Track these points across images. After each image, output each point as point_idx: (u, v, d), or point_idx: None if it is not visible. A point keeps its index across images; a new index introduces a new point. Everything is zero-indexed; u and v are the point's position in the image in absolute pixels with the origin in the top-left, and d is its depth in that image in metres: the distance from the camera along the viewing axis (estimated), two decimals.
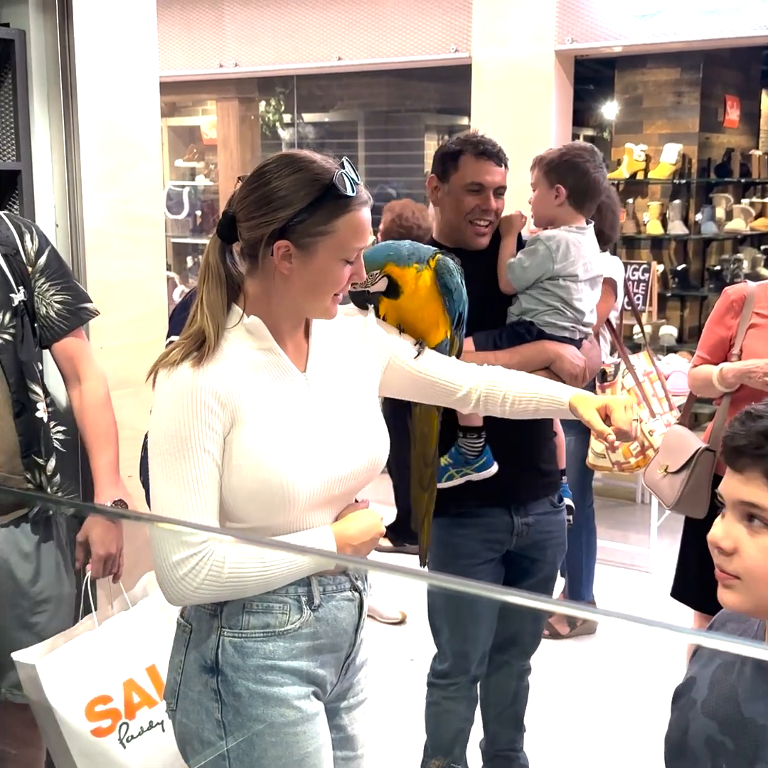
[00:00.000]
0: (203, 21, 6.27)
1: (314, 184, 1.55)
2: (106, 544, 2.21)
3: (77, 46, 2.48)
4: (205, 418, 1.54)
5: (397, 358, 1.84)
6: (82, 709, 2.08)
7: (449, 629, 2.50)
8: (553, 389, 1.89)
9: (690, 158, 6.43)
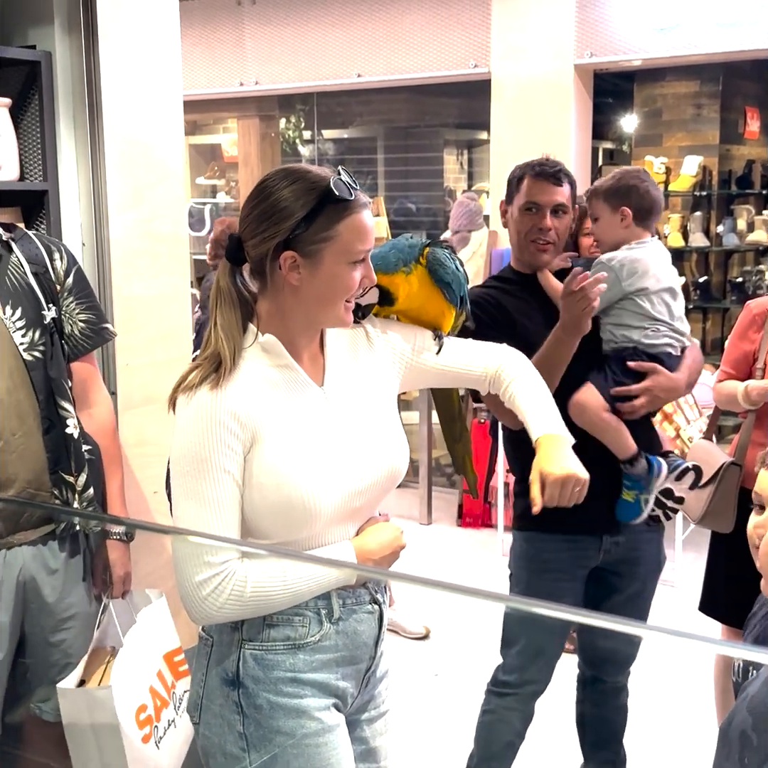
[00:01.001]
0: (224, 40, 6.32)
1: (312, 192, 1.56)
2: (124, 564, 2.30)
3: (102, 67, 2.52)
4: (225, 439, 1.56)
5: (417, 360, 1.83)
6: (134, 720, 2.17)
7: (519, 641, 2.51)
8: (534, 418, 1.78)
9: (710, 170, 6.42)
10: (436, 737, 3.27)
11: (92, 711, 2.12)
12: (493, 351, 1.88)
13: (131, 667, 2.19)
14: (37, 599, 2.17)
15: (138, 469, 2.72)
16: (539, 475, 1.67)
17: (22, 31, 2.51)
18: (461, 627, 4.06)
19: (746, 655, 1.10)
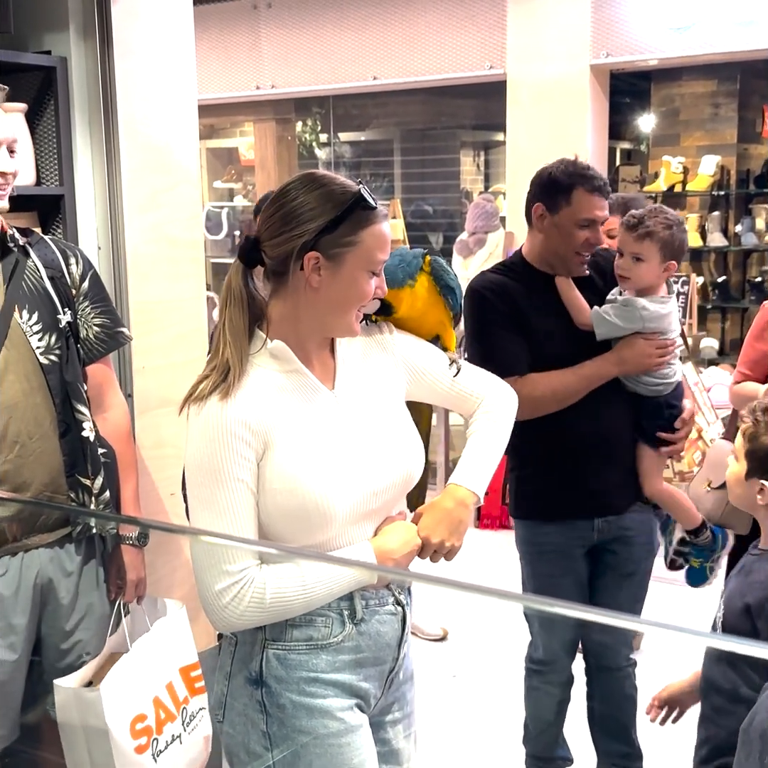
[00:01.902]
0: (240, 44, 6.35)
1: (341, 197, 1.59)
2: (137, 568, 2.30)
3: (117, 72, 2.53)
4: (237, 448, 1.57)
5: (427, 376, 1.82)
6: (127, 728, 2.15)
7: (539, 619, 2.63)
8: (464, 462, 1.80)
9: (728, 169, 6.40)
10: (455, 738, 3.26)
11: (82, 712, 2.11)
12: (487, 380, 1.88)
13: (133, 675, 2.18)
14: (53, 601, 2.18)
15: (155, 471, 2.73)
16: (417, 518, 1.75)
17: (38, 37, 2.53)
18: (479, 628, 4.05)
19: (740, 649, 1.11)
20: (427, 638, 3.98)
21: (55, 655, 2.23)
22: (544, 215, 2.45)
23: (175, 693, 2.26)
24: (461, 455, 1.83)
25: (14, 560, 2.12)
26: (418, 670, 1.85)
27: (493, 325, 2.48)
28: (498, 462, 1.84)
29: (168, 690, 2.26)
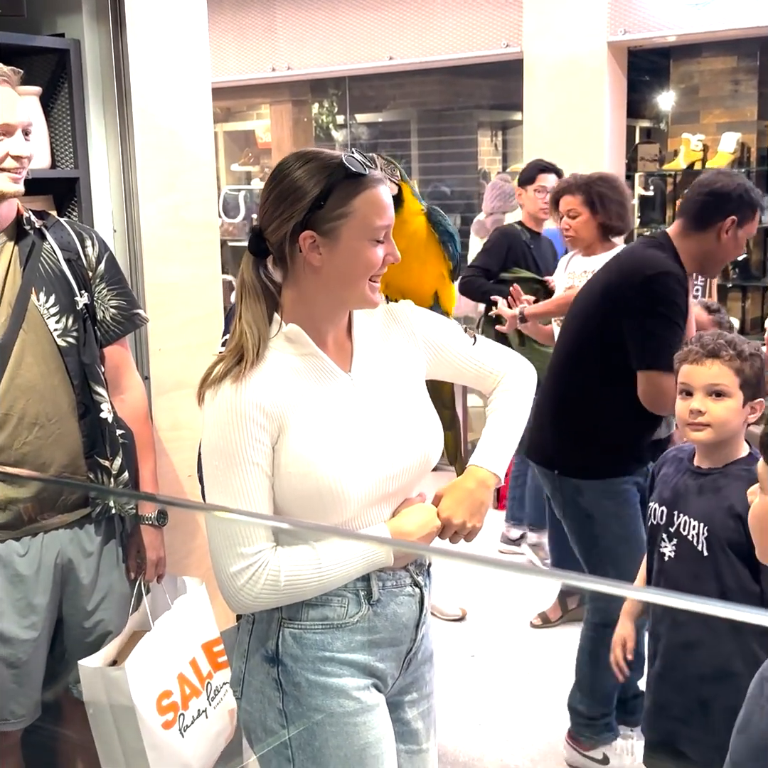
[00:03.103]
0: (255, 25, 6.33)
1: (325, 170, 1.56)
2: (157, 548, 2.32)
3: (131, 54, 2.52)
4: (251, 431, 1.57)
5: (448, 353, 1.81)
6: (154, 704, 2.18)
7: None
8: (484, 442, 1.80)
9: (749, 147, 6.32)
10: (474, 717, 3.28)
11: (109, 691, 2.14)
12: (506, 356, 1.87)
13: (156, 652, 2.21)
14: (73, 581, 2.21)
15: (172, 453, 2.75)
16: (437, 499, 1.74)
17: (51, 20, 2.53)
18: (497, 609, 4.06)
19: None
20: (446, 618, 3.99)
21: (78, 634, 2.25)
22: (732, 227, 2.63)
23: (198, 668, 2.30)
24: (482, 434, 1.83)
25: (34, 540, 2.14)
26: (437, 651, 1.86)
27: (680, 317, 2.62)
28: (518, 440, 1.84)
29: (192, 666, 2.29)
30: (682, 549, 2.08)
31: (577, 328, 2.85)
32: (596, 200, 3.66)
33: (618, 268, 2.81)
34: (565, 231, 3.76)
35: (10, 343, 2.09)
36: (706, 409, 2.06)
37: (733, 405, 2.05)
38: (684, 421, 2.10)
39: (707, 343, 2.08)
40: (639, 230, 7.20)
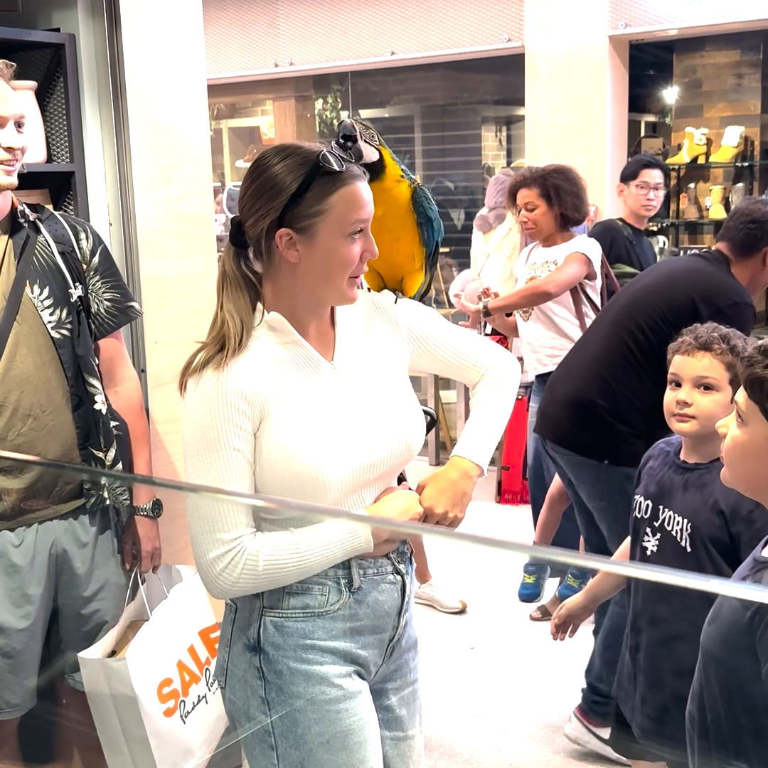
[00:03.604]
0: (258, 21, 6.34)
1: (301, 167, 1.56)
2: (152, 539, 2.34)
3: (126, 48, 2.53)
4: (233, 418, 1.58)
5: (431, 344, 1.81)
6: (155, 693, 2.21)
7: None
8: (467, 434, 1.80)
9: (752, 140, 6.31)
10: (472, 709, 3.29)
11: (110, 681, 2.16)
12: (490, 349, 1.86)
13: (155, 641, 2.23)
14: (68, 571, 2.22)
15: (169, 445, 2.76)
16: (420, 489, 1.75)
17: (47, 15, 2.54)
18: (497, 601, 4.07)
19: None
20: (446, 611, 4.00)
21: (73, 624, 2.27)
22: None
23: (197, 655, 2.33)
24: (465, 425, 1.83)
25: (29, 531, 2.16)
26: (436, 643, 1.86)
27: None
28: (501, 432, 1.84)
29: (190, 653, 2.32)
30: (665, 544, 2.08)
31: (628, 329, 2.92)
32: (552, 192, 3.71)
33: (688, 283, 2.91)
34: (524, 224, 3.82)
35: (4, 335, 2.11)
36: (693, 401, 2.06)
37: (720, 399, 2.04)
38: (670, 412, 2.11)
39: (701, 336, 2.08)
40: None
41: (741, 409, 1.46)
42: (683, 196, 6.60)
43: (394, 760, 1.79)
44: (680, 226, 6.73)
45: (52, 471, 2.16)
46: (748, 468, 1.47)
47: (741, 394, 1.47)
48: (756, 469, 1.45)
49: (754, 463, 1.44)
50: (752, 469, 1.46)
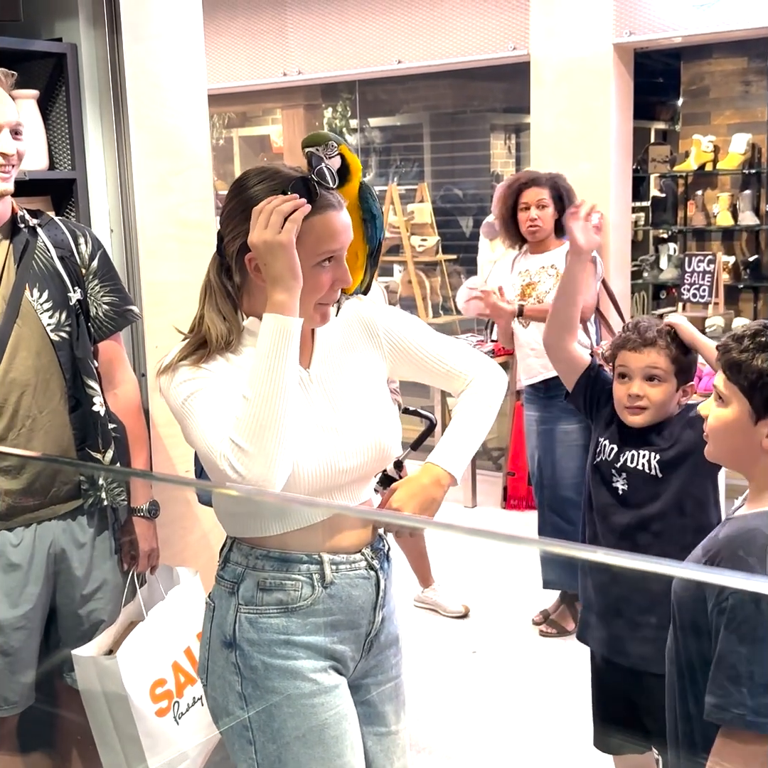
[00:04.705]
0: (267, 31, 6.39)
1: (274, 192, 1.56)
2: (149, 539, 2.37)
3: (126, 58, 2.58)
4: (209, 375, 1.60)
5: (413, 353, 1.81)
6: (147, 692, 2.23)
7: None
8: (444, 441, 1.79)
9: (760, 147, 6.33)
10: (473, 713, 3.30)
11: (102, 679, 2.19)
12: (476, 359, 1.85)
13: (149, 641, 2.25)
14: (66, 571, 2.26)
15: (170, 448, 2.79)
16: (391, 494, 1.75)
17: (49, 25, 2.59)
18: (500, 606, 4.09)
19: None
20: (449, 615, 4.02)
21: (71, 623, 2.30)
22: None
23: (193, 657, 2.33)
24: (444, 433, 1.82)
25: (27, 531, 2.20)
26: (438, 646, 1.87)
27: None
28: (480, 443, 1.83)
29: (186, 654, 2.34)
30: (633, 479, 2.21)
31: None
32: (564, 194, 3.72)
33: None
34: (532, 221, 3.73)
35: (4, 337, 2.15)
36: (644, 393, 2.18)
37: (669, 389, 2.19)
38: (622, 405, 2.22)
39: (644, 331, 2.20)
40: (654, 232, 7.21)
41: (721, 392, 1.60)
42: (691, 203, 6.62)
43: (378, 756, 1.80)
44: (688, 233, 6.75)
45: (50, 471, 2.20)
46: (731, 443, 1.61)
47: (719, 378, 1.60)
48: (739, 443, 1.59)
49: (737, 437, 1.59)
50: (735, 443, 1.60)
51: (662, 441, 2.20)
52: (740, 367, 1.55)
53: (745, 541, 1.50)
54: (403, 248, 6.47)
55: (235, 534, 1.74)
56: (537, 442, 3.84)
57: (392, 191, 6.30)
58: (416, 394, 5.31)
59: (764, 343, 1.54)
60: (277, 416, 1.53)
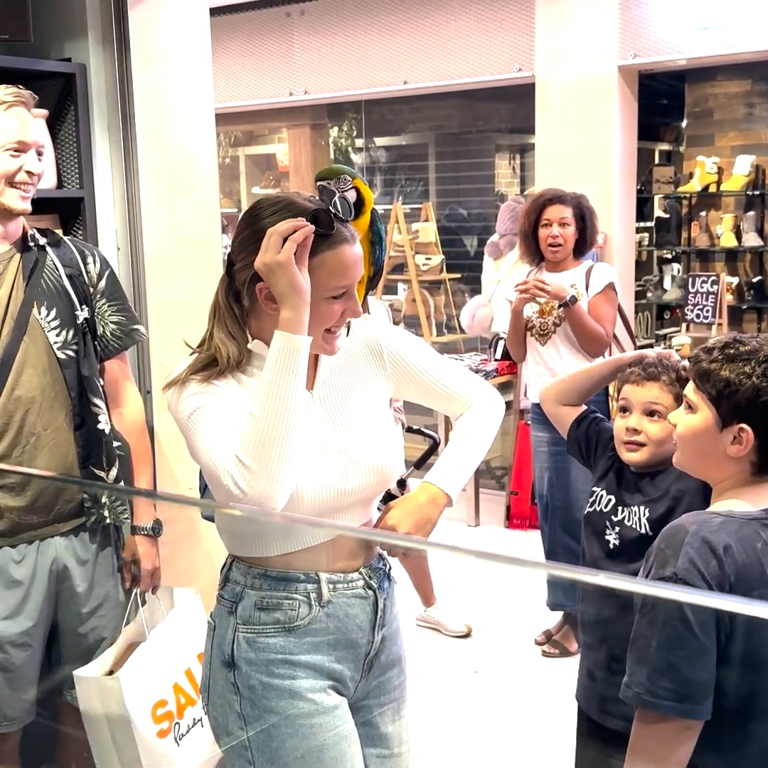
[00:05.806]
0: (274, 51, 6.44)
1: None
2: (152, 558, 2.36)
3: (135, 78, 2.61)
4: (219, 392, 1.60)
5: (416, 375, 1.81)
6: (148, 713, 2.23)
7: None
8: (441, 461, 1.79)
9: (763, 169, 6.34)
10: (475, 732, 3.29)
11: (104, 699, 2.19)
12: (476, 384, 1.86)
13: (151, 662, 2.25)
14: (68, 588, 2.26)
15: (174, 465, 2.80)
16: (387, 511, 1.75)
17: (58, 45, 2.62)
18: (502, 625, 4.08)
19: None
20: (452, 635, 4.01)
21: (72, 640, 2.30)
22: None
23: (194, 678, 2.33)
24: (441, 454, 1.82)
25: (30, 548, 2.20)
26: (441, 667, 1.86)
27: None
28: (476, 466, 1.84)
29: (187, 675, 2.33)
30: (625, 536, 2.16)
31: None
32: (586, 214, 3.70)
33: None
34: (553, 239, 3.69)
35: (12, 354, 2.16)
36: (642, 428, 2.11)
37: (668, 427, 2.04)
38: (620, 440, 2.15)
39: (649, 366, 2.16)
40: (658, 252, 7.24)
41: (690, 400, 1.66)
42: (695, 224, 6.63)
43: None
44: (692, 254, 6.76)
45: (54, 489, 2.20)
46: (698, 449, 1.67)
47: (690, 387, 1.68)
48: (705, 450, 1.65)
49: (704, 444, 1.65)
50: (702, 450, 1.66)
51: (653, 490, 2.13)
52: (709, 376, 1.62)
53: (670, 536, 1.58)
54: (407, 267, 6.49)
55: (236, 552, 1.74)
56: (549, 462, 3.80)
57: (397, 210, 6.33)
58: (420, 412, 5.31)
59: (732, 355, 1.61)
60: (281, 433, 1.52)
